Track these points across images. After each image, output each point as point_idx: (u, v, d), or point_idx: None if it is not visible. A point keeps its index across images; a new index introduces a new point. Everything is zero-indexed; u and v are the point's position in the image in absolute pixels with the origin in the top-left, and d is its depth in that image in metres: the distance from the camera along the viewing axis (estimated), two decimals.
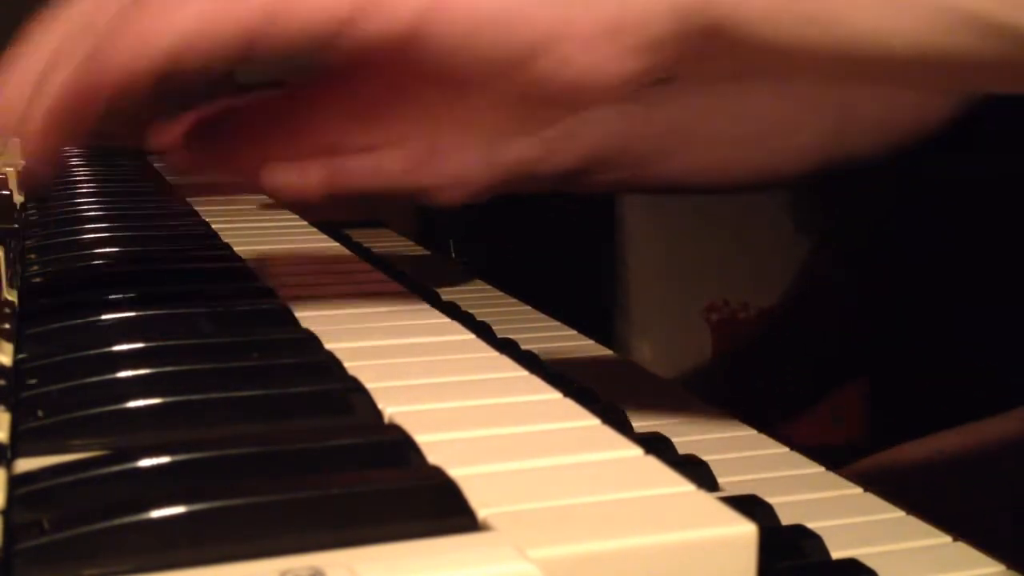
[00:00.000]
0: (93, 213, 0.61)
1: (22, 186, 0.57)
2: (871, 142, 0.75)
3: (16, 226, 0.56)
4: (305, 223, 0.64)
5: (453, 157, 0.63)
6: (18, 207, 0.63)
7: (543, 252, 1.43)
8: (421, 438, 0.30)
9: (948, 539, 0.39)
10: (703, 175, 0.74)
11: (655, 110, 0.69)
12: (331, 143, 0.49)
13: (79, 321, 0.40)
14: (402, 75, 0.39)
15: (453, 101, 0.40)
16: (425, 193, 0.63)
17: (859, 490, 0.43)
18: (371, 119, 0.44)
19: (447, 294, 0.73)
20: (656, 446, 0.45)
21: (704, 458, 0.44)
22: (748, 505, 0.39)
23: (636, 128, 0.68)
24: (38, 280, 0.46)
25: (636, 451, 0.30)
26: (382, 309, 0.44)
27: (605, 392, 0.54)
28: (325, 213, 0.66)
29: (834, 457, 0.48)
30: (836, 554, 0.37)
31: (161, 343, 0.38)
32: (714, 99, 0.72)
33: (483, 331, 0.63)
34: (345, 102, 0.43)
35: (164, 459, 0.28)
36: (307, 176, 0.58)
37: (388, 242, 0.93)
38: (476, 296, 0.75)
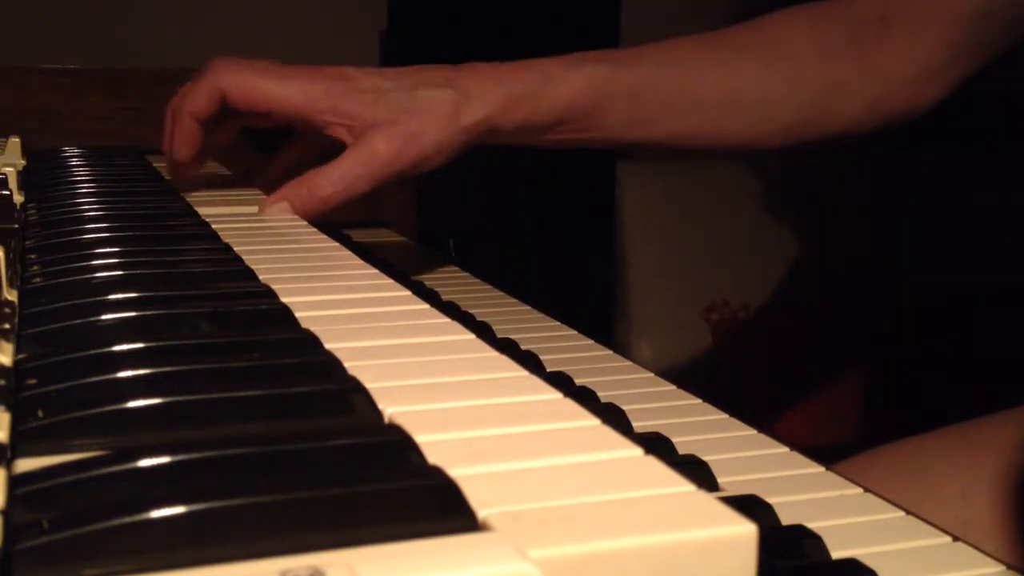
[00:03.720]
0: (93, 213, 0.61)
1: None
2: (861, 120, 0.77)
3: (16, 226, 0.56)
4: (305, 223, 0.64)
5: (429, 133, 0.69)
6: (18, 207, 0.63)
7: (543, 252, 1.43)
8: (421, 438, 0.30)
9: (948, 539, 0.39)
10: (689, 141, 0.78)
11: (621, 71, 0.73)
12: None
13: (79, 321, 0.40)
14: None
15: None
16: (412, 169, 0.69)
17: (859, 490, 0.43)
18: None
19: (447, 294, 0.73)
20: (656, 446, 0.45)
21: (704, 458, 0.44)
22: (748, 505, 0.39)
23: (599, 88, 0.73)
24: (38, 280, 0.46)
25: (636, 451, 0.30)
26: (382, 309, 0.44)
27: (605, 392, 0.54)
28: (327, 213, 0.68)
29: (833, 457, 0.48)
30: (836, 554, 0.37)
31: (161, 343, 0.38)
32: (695, 70, 0.75)
33: (483, 331, 0.63)
34: None
35: (164, 459, 0.28)
36: (317, 191, 0.67)
37: (388, 242, 0.93)
38: (476, 296, 0.75)
